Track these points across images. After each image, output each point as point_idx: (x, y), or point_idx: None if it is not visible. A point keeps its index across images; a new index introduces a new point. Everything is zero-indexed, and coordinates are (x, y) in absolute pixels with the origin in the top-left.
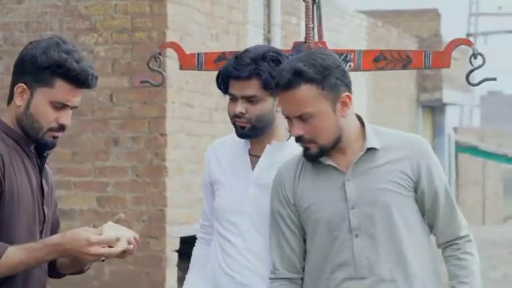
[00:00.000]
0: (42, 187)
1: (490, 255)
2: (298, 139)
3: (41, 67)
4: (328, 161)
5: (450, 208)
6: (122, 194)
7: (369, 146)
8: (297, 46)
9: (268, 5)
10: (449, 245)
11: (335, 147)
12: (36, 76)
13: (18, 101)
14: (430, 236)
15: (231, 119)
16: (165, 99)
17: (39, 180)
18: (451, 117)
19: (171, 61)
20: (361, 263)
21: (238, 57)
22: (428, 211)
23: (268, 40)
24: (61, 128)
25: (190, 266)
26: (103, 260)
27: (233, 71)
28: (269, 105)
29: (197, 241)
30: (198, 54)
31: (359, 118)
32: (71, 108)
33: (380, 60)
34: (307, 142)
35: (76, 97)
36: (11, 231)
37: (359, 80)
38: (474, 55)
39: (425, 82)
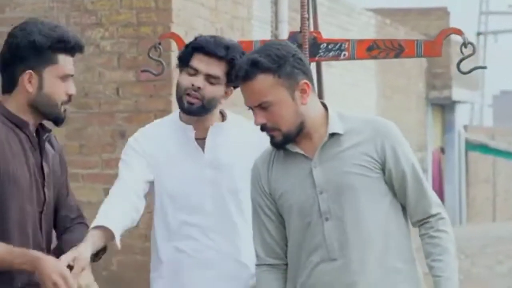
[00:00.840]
0: (43, 168)
1: (497, 250)
2: (263, 128)
3: (43, 48)
4: (295, 149)
5: (419, 187)
6: None
7: (331, 131)
8: (292, 36)
9: (275, 2)
10: (422, 223)
11: (299, 133)
12: (40, 59)
13: (28, 87)
14: (403, 215)
15: (180, 91)
16: (171, 93)
17: (39, 162)
18: (461, 115)
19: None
20: (332, 245)
21: (217, 38)
22: (398, 191)
23: (275, 36)
24: (70, 99)
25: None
26: None
27: (212, 46)
28: (222, 91)
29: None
30: None
31: (324, 105)
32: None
33: (374, 49)
34: (271, 130)
35: (73, 65)
36: (5, 211)
37: (368, 77)
38: (465, 44)
39: (434, 80)
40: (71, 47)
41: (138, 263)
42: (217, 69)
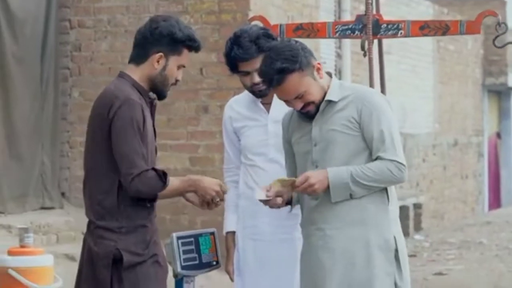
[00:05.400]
0: (154, 129)
1: None
2: (301, 108)
3: (178, 41)
4: None
5: (384, 144)
6: (211, 155)
7: (327, 98)
8: (358, 18)
9: None
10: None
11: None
12: (172, 48)
13: (156, 65)
14: None
15: (248, 88)
16: None
17: (153, 124)
18: None
19: None
20: None
21: (240, 42)
22: (370, 148)
23: None
24: (176, 83)
25: (226, 207)
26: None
27: (241, 55)
28: None
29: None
30: (280, 25)
31: (329, 74)
32: None
33: (425, 28)
34: (307, 107)
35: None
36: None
37: (426, 64)
38: (499, 24)
39: (491, 67)
40: (195, 46)
41: (219, 223)
42: (258, 63)
